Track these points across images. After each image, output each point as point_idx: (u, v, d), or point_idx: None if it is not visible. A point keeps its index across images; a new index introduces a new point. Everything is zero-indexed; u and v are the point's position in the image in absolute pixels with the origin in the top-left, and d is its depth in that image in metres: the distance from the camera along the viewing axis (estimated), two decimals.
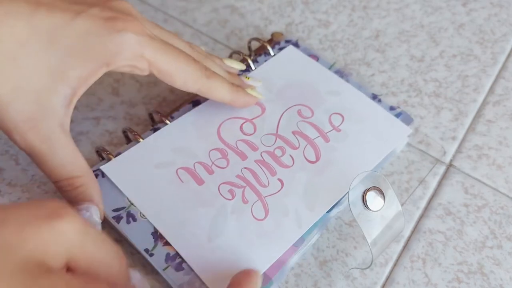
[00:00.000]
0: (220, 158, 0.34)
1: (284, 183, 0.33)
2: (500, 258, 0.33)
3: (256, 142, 0.35)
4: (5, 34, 0.26)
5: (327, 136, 0.35)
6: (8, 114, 0.26)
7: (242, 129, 0.35)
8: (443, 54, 0.44)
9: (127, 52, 0.28)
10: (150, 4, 0.49)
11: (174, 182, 0.32)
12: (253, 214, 0.31)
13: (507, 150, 0.38)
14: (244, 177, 0.33)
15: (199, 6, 0.48)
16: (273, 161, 0.34)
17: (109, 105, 0.40)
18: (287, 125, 0.35)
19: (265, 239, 0.30)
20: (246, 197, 0.32)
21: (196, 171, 0.33)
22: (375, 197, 0.29)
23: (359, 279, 0.32)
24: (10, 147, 0.37)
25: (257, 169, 0.33)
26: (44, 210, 0.20)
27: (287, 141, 0.35)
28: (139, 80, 0.42)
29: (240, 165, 0.33)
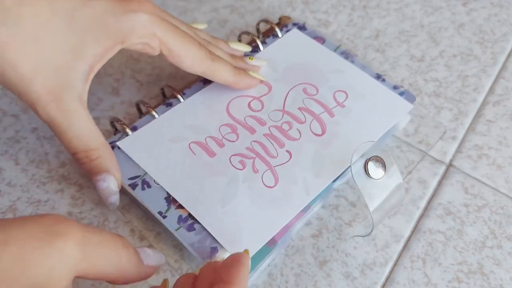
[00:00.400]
0: (230, 132, 0.35)
1: (292, 154, 0.34)
2: (500, 258, 0.33)
3: (264, 118, 0.36)
4: (28, 14, 0.27)
5: (332, 112, 0.36)
6: (31, 88, 0.28)
7: (250, 106, 0.37)
8: (443, 54, 0.44)
9: (141, 30, 0.30)
10: None
11: (187, 154, 0.34)
12: (263, 182, 0.33)
13: (507, 150, 0.38)
14: (254, 149, 0.34)
15: (199, 6, 0.48)
16: (281, 134, 0.35)
17: (109, 105, 0.40)
18: (293, 102, 0.37)
19: (275, 205, 0.32)
20: (257, 167, 0.33)
21: (207, 145, 0.34)
22: (377, 167, 0.30)
23: (359, 279, 0.32)
24: (10, 147, 0.37)
25: (266, 142, 0.35)
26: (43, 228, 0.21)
27: (294, 116, 0.36)
28: (139, 80, 0.42)
29: (250, 139, 0.35)
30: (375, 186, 0.30)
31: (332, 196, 0.35)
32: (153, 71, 0.43)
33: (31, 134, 0.38)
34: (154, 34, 0.31)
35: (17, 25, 0.27)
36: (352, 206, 0.35)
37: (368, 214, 0.34)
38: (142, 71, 0.43)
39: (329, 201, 0.35)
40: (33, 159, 0.36)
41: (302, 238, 0.33)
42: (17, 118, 0.39)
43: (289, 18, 0.44)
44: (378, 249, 0.33)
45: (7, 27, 0.27)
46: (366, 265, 0.32)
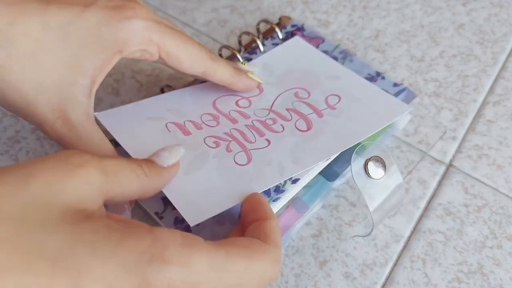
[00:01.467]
0: (211, 120, 0.34)
1: (272, 142, 0.33)
2: (500, 258, 0.33)
3: (249, 113, 0.35)
4: (21, 34, 0.27)
5: (321, 113, 0.35)
6: (36, 109, 0.28)
7: (238, 103, 0.36)
8: (443, 54, 0.44)
9: (137, 38, 0.30)
10: (150, 4, 0.49)
11: (161, 131, 0.33)
12: (235, 160, 0.31)
13: (507, 150, 0.38)
14: (232, 134, 0.33)
15: (198, 6, 0.48)
16: (263, 126, 0.34)
17: (109, 105, 0.40)
18: (282, 103, 0.36)
19: (244, 180, 0.30)
20: (231, 147, 0.32)
21: (185, 126, 0.33)
22: (377, 167, 0.30)
23: (359, 279, 0.32)
24: (10, 147, 0.37)
25: (246, 131, 0.33)
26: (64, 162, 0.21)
27: (279, 114, 0.35)
28: (139, 80, 0.42)
29: (230, 126, 0.34)
30: (375, 186, 0.30)
31: (332, 196, 0.35)
32: (153, 72, 0.43)
33: (31, 134, 0.38)
34: (151, 40, 0.30)
35: (11, 45, 0.27)
36: (352, 206, 0.35)
37: (368, 214, 0.34)
38: (142, 71, 0.43)
39: (329, 201, 0.35)
40: None
41: (302, 238, 0.33)
42: (17, 118, 0.39)
43: (289, 18, 0.44)
44: (378, 249, 0.33)
45: (2, 49, 0.26)
46: (366, 265, 0.32)
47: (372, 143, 0.32)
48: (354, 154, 0.31)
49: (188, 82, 0.40)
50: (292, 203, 0.32)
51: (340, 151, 0.32)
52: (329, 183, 0.33)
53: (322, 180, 0.33)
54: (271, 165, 0.31)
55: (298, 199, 0.33)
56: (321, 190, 0.33)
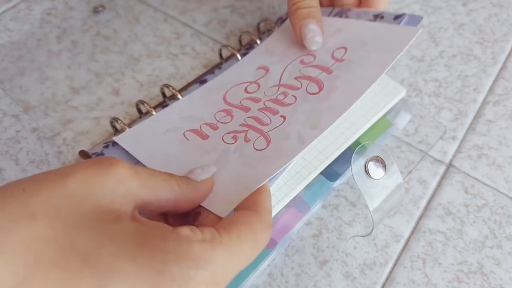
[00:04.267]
0: (225, 116, 0.34)
1: (287, 117, 0.32)
2: (500, 258, 0.33)
3: (259, 96, 0.35)
4: None
5: (330, 69, 0.34)
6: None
7: (247, 89, 0.36)
8: (443, 54, 0.44)
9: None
10: (150, 4, 0.49)
11: (181, 142, 0.33)
12: (254, 147, 0.31)
13: (507, 150, 0.38)
14: (247, 123, 0.33)
15: (199, 6, 0.48)
16: (276, 104, 0.33)
17: (109, 105, 0.40)
18: (290, 74, 0.35)
19: (266, 160, 0.29)
20: (248, 137, 0.32)
21: (201, 130, 0.33)
22: (377, 167, 0.30)
23: (359, 279, 0.32)
24: (10, 147, 0.37)
25: (260, 115, 0.33)
26: (98, 163, 0.22)
27: (289, 86, 0.34)
28: (139, 80, 0.42)
29: (244, 116, 0.33)
30: (375, 186, 0.30)
31: (332, 196, 0.35)
32: (153, 72, 0.43)
33: (31, 134, 0.38)
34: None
35: None
36: (352, 206, 0.35)
37: (368, 214, 0.34)
38: (142, 71, 0.43)
39: (329, 201, 0.35)
40: (33, 160, 0.36)
41: (302, 238, 0.33)
42: (17, 118, 0.39)
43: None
44: (378, 249, 0.33)
45: None
46: (366, 265, 0.32)
47: (372, 143, 0.32)
48: (354, 154, 0.31)
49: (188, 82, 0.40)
50: (293, 202, 0.32)
51: (356, 99, 0.30)
52: (330, 183, 0.33)
53: (322, 179, 0.33)
54: (290, 138, 0.30)
55: (299, 198, 0.33)
56: (322, 189, 0.33)
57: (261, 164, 0.29)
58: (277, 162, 0.29)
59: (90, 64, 0.43)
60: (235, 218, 0.24)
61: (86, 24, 0.47)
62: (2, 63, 0.43)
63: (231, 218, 0.24)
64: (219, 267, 0.21)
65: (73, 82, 0.42)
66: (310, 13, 0.36)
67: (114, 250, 0.19)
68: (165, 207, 0.25)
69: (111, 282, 0.19)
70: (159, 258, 0.20)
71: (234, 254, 0.22)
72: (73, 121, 0.39)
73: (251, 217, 0.24)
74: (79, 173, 0.21)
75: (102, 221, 0.20)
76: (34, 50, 0.44)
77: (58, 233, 0.19)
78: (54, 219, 0.19)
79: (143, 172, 0.23)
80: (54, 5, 0.49)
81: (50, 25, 0.47)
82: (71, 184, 0.20)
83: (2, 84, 0.41)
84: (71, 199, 0.20)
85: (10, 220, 0.18)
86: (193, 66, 0.43)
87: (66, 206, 0.20)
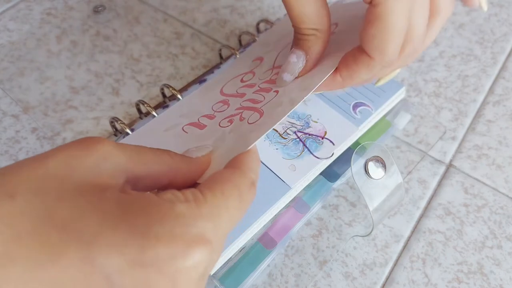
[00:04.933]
0: (221, 106, 0.34)
1: (279, 90, 0.31)
2: (500, 258, 0.33)
3: (254, 81, 0.34)
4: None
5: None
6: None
7: (243, 80, 0.36)
8: (443, 54, 0.44)
9: None
10: (150, 4, 0.49)
11: (180, 136, 0.33)
12: (248, 122, 0.30)
13: (507, 150, 0.38)
14: (242, 106, 0.33)
15: (199, 6, 0.48)
16: (269, 84, 0.33)
17: (109, 105, 0.40)
18: (283, 57, 0.35)
19: (256, 127, 0.29)
20: (243, 116, 0.31)
21: (199, 122, 0.33)
22: (377, 167, 0.30)
23: (359, 279, 0.32)
24: (10, 147, 0.37)
25: (255, 96, 0.33)
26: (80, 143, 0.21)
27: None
28: (139, 81, 0.42)
29: (240, 101, 0.33)
30: (375, 186, 0.30)
31: (332, 196, 0.35)
32: (153, 72, 0.43)
33: (31, 134, 0.38)
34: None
35: None
36: (352, 206, 0.35)
37: (368, 214, 0.34)
38: (142, 71, 0.43)
39: (329, 201, 0.35)
40: None
41: (302, 238, 0.33)
42: (17, 118, 0.39)
43: None
44: (378, 249, 0.33)
45: None
46: (366, 265, 0.32)
47: (372, 143, 0.32)
48: (354, 154, 0.31)
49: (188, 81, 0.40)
50: (293, 203, 0.32)
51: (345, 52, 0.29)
52: (330, 183, 0.33)
53: (322, 180, 0.33)
54: (282, 104, 0.30)
55: (298, 199, 0.33)
56: (321, 190, 0.33)
57: (253, 134, 0.29)
58: (266, 123, 0.28)
59: (90, 64, 0.43)
60: (217, 176, 0.23)
61: (86, 24, 0.47)
62: (1, 63, 0.43)
63: (213, 176, 0.23)
64: (208, 224, 0.20)
65: (73, 82, 0.42)
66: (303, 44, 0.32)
67: (95, 219, 0.19)
68: (160, 181, 0.24)
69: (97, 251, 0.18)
70: (142, 221, 0.19)
71: (221, 210, 0.21)
72: (73, 121, 0.39)
73: (234, 174, 0.23)
74: (60, 154, 0.20)
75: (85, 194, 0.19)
76: (33, 50, 0.44)
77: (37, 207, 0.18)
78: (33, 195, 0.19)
79: (130, 147, 0.23)
80: (54, 5, 0.49)
81: (49, 25, 0.47)
82: (52, 164, 0.20)
83: (1, 84, 0.41)
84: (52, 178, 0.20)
85: None
86: (193, 66, 0.43)
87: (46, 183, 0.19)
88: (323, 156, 0.32)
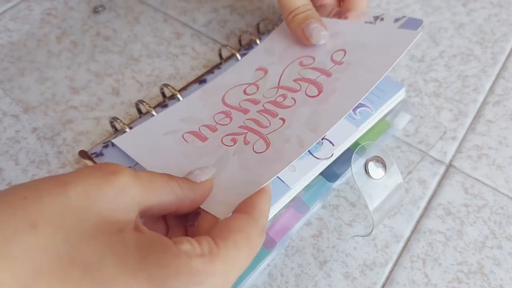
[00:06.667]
0: (224, 118, 0.34)
1: (286, 119, 0.32)
2: (500, 258, 0.33)
3: (258, 97, 0.35)
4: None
5: (329, 72, 0.34)
6: None
7: (245, 91, 0.36)
8: (443, 54, 0.44)
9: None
10: (150, 4, 0.49)
11: (180, 143, 0.33)
12: (254, 149, 0.31)
13: (507, 150, 0.38)
14: (246, 125, 0.33)
15: (198, 6, 0.48)
16: (275, 106, 0.33)
17: (109, 105, 0.40)
18: (288, 76, 0.35)
19: (265, 163, 0.29)
20: (248, 139, 0.31)
21: (201, 132, 0.33)
22: (377, 167, 0.30)
23: (359, 279, 0.32)
24: (10, 147, 0.37)
25: (259, 117, 0.33)
26: (99, 171, 0.22)
27: (288, 88, 0.34)
28: (139, 80, 0.42)
29: (243, 118, 0.33)
30: (375, 186, 0.30)
31: (332, 196, 0.35)
32: (153, 72, 0.43)
33: (31, 134, 0.38)
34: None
35: None
36: (352, 206, 0.35)
37: (368, 214, 0.34)
38: (142, 71, 0.43)
39: (329, 201, 0.35)
40: (33, 160, 0.36)
41: (302, 238, 0.33)
42: (17, 118, 0.39)
43: None
44: (378, 249, 0.33)
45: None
46: (366, 265, 0.32)
47: (372, 143, 0.32)
48: (354, 154, 0.31)
49: (188, 81, 0.40)
50: (292, 203, 0.32)
51: (356, 103, 0.30)
52: (329, 184, 0.33)
53: (322, 180, 0.33)
54: (290, 141, 0.30)
55: (298, 199, 0.33)
56: (321, 190, 0.33)
57: (260, 167, 0.29)
58: (276, 165, 0.29)
59: (90, 64, 0.43)
60: (231, 224, 0.24)
61: (86, 24, 0.47)
62: (2, 63, 0.43)
63: (227, 223, 0.24)
64: (219, 279, 0.21)
65: (73, 82, 0.42)
66: (308, 15, 0.37)
67: (115, 263, 0.19)
68: (167, 209, 0.25)
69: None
70: (160, 273, 0.20)
71: (232, 263, 0.22)
72: (73, 121, 0.39)
73: (247, 221, 0.24)
74: (80, 181, 0.21)
75: (104, 233, 0.20)
76: (34, 50, 0.44)
77: (59, 243, 0.19)
78: (55, 229, 0.19)
79: (145, 176, 0.23)
80: (54, 5, 0.49)
81: (50, 25, 0.47)
82: (73, 193, 0.20)
83: (2, 84, 0.41)
84: (72, 209, 0.20)
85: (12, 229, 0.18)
86: (193, 66, 0.43)
87: (68, 216, 0.20)
88: (323, 156, 0.32)
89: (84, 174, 0.21)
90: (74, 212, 0.20)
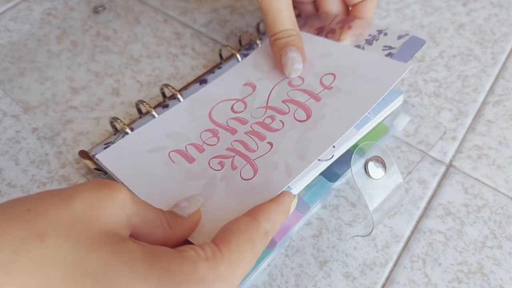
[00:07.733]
0: (211, 137, 0.34)
1: (274, 144, 0.32)
2: (500, 258, 0.33)
3: (246, 117, 0.34)
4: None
5: (318, 96, 0.34)
6: None
7: (233, 108, 0.35)
8: (443, 54, 0.44)
9: None
10: (150, 5, 0.49)
11: (166, 163, 0.32)
12: (241, 176, 0.31)
13: (507, 150, 0.38)
14: (234, 148, 0.32)
15: (199, 6, 0.48)
16: (263, 128, 0.33)
17: (109, 105, 0.40)
18: (277, 96, 0.35)
19: (253, 192, 0.29)
20: (235, 164, 0.31)
21: (187, 152, 0.33)
22: (377, 167, 0.30)
23: (359, 279, 0.32)
24: (10, 147, 0.37)
25: (247, 139, 0.33)
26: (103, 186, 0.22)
27: (277, 109, 0.34)
28: (139, 81, 0.42)
29: (230, 139, 0.33)
30: (375, 186, 0.30)
31: (332, 196, 0.35)
32: (153, 72, 0.43)
33: (31, 134, 0.38)
34: None
35: None
36: (352, 206, 0.35)
37: (368, 214, 0.34)
38: (142, 71, 0.43)
39: (329, 201, 0.35)
40: (33, 160, 0.36)
41: (302, 238, 0.33)
42: (17, 118, 0.39)
43: None
44: (378, 249, 0.33)
45: None
46: (366, 265, 0.32)
47: (372, 144, 0.32)
48: (354, 154, 0.31)
49: (188, 81, 0.40)
50: None
51: (343, 133, 0.31)
52: (330, 184, 0.33)
53: (322, 180, 0.33)
54: (278, 168, 0.30)
55: (299, 198, 0.33)
56: (321, 190, 0.33)
57: (247, 196, 0.29)
58: (263, 195, 0.29)
59: (90, 64, 0.43)
60: (232, 226, 0.24)
61: (86, 24, 0.47)
62: (2, 63, 0.43)
63: (228, 227, 0.24)
64: (224, 282, 0.22)
65: (73, 82, 0.42)
66: (289, 42, 0.36)
67: (125, 270, 0.19)
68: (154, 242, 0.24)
69: None
70: (169, 279, 0.20)
71: (236, 266, 0.23)
72: (73, 121, 0.39)
73: (249, 223, 0.24)
74: (84, 195, 0.21)
75: (109, 242, 0.20)
76: (34, 51, 0.44)
77: (67, 253, 0.19)
78: (62, 239, 0.19)
79: (140, 202, 0.23)
80: (54, 5, 0.49)
81: (50, 26, 0.47)
82: (78, 205, 0.20)
83: (2, 84, 0.41)
84: (78, 220, 0.20)
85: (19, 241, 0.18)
86: (193, 66, 0.43)
87: (73, 226, 0.20)
88: (323, 158, 0.32)
89: (87, 189, 0.21)
90: (80, 222, 0.20)
